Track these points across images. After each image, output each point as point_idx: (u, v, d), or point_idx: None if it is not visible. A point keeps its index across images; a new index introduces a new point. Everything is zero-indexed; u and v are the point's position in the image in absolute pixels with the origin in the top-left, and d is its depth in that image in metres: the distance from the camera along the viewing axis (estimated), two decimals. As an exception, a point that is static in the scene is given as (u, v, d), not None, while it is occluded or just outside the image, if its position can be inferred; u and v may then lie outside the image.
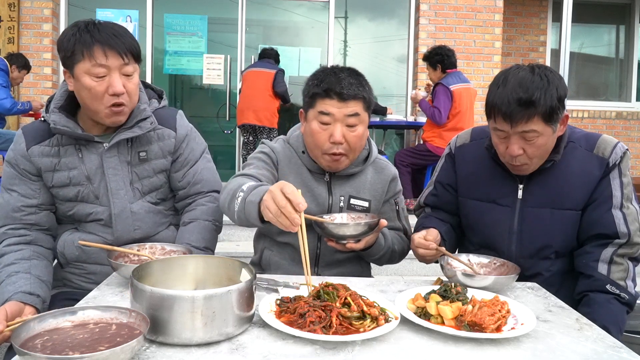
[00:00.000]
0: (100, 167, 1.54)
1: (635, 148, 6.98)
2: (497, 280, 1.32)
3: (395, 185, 1.73)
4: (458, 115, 4.40)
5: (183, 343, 0.95)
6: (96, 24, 1.45)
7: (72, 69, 1.45)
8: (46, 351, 0.83)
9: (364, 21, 6.59)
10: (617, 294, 1.41)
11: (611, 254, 1.45)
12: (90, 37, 1.42)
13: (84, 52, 1.41)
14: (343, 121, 1.52)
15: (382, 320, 1.05)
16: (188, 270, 1.17)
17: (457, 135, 1.75)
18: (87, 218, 1.57)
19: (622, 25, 7.33)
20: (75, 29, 1.44)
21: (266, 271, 1.68)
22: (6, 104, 4.42)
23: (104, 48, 1.42)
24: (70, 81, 1.49)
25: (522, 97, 1.36)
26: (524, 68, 1.44)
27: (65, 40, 1.44)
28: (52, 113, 1.51)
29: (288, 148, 1.68)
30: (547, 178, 1.52)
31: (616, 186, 1.49)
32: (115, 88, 1.43)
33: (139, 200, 1.60)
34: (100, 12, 5.99)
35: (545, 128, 1.39)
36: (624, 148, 1.51)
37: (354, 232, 1.45)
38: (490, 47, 5.88)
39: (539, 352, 1.01)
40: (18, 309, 1.34)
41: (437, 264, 1.60)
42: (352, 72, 1.57)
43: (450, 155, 1.72)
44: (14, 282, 1.40)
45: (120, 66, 1.45)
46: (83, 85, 1.43)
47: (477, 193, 1.62)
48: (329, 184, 1.64)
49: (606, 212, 1.47)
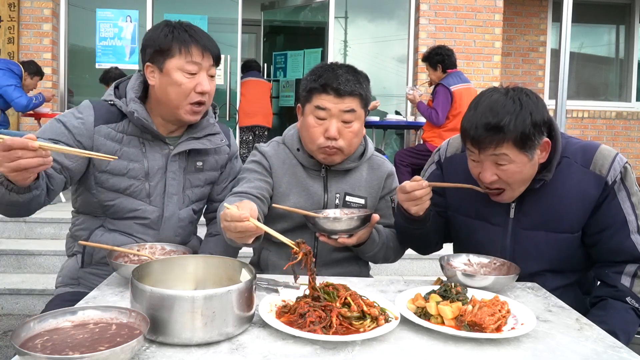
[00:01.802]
0: (163, 168, 1.56)
1: (635, 148, 6.99)
2: (497, 280, 1.32)
3: (391, 182, 1.72)
4: (459, 115, 4.39)
5: (183, 343, 0.95)
6: (189, 25, 1.53)
7: (162, 64, 1.49)
8: (46, 351, 0.83)
9: (364, 21, 6.59)
10: (637, 307, 1.38)
11: (636, 269, 1.40)
12: (189, 36, 1.49)
13: (182, 48, 1.48)
14: (339, 117, 1.53)
15: (382, 320, 1.05)
16: (188, 270, 1.17)
17: (447, 142, 1.67)
18: (127, 214, 1.55)
19: (622, 25, 7.33)
20: (170, 27, 1.50)
21: (265, 271, 1.68)
22: (22, 101, 4.58)
23: (201, 48, 1.49)
24: (153, 75, 1.52)
25: (490, 121, 1.30)
26: (499, 90, 1.37)
27: (161, 36, 1.49)
28: (132, 102, 1.52)
29: (282, 149, 1.68)
30: (541, 198, 1.45)
31: (628, 209, 1.40)
32: (203, 86, 1.50)
33: (186, 207, 1.64)
34: (100, 12, 5.99)
35: (519, 155, 1.32)
36: (622, 162, 1.42)
37: (346, 226, 1.45)
38: (490, 47, 5.88)
39: (539, 352, 1.01)
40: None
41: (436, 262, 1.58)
42: (350, 69, 1.57)
43: (440, 164, 1.65)
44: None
45: (209, 67, 1.52)
46: (173, 80, 1.48)
47: (467, 209, 1.56)
48: (325, 179, 1.64)
49: (626, 240, 1.40)
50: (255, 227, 1.17)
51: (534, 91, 1.39)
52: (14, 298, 3.32)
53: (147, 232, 1.57)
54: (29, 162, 1.09)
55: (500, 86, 1.41)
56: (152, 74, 1.52)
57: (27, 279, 3.47)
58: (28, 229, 3.95)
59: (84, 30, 6.02)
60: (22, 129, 5.69)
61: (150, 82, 1.53)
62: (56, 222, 3.96)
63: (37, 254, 3.62)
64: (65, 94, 6.07)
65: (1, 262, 3.61)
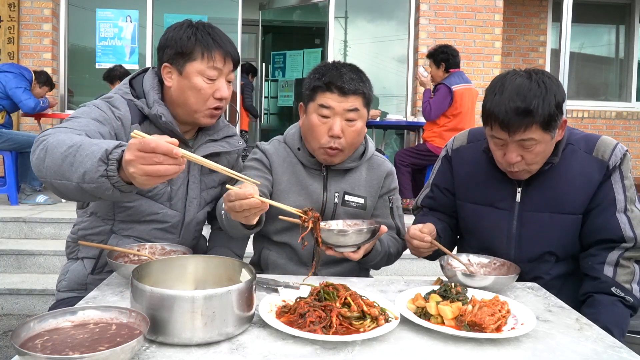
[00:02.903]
0: (185, 172, 1.54)
1: (635, 148, 6.99)
2: (497, 280, 1.32)
3: (390, 182, 1.72)
4: (459, 115, 4.39)
5: (183, 343, 0.95)
6: (212, 27, 1.49)
7: (182, 67, 1.46)
8: (46, 351, 0.83)
9: (364, 21, 6.59)
10: (622, 296, 1.40)
11: (617, 257, 1.43)
12: (212, 40, 1.46)
13: (204, 53, 1.44)
14: (342, 115, 1.53)
15: (382, 320, 1.05)
16: (188, 270, 1.17)
17: (453, 137, 1.73)
18: (146, 217, 1.52)
19: (622, 25, 7.33)
20: (192, 29, 1.47)
21: (265, 271, 1.68)
22: (30, 104, 4.72)
23: (223, 53, 1.46)
24: (170, 76, 1.49)
25: (519, 106, 1.33)
26: (521, 74, 1.40)
27: (183, 38, 1.45)
28: (157, 104, 1.48)
29: (283, 147, 1.68)
30: (546, 181, 1.50)
31: (619, 190, 1.46)
32: (222, 92, 1.49)
33: (202, 209, 1.64)
34: (100, 12, 5.99)
35: (544, 135, 1.37)
36: (623, 149, 1.49)
37: (352, 241, 1.38)
38: (490, 47, 5.88)
39: (539, 352, 1.01)
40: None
41: (433, 260, 1.60)
42: (353, 68, 1.58)
43: (447, 158, 1.70)
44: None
45: (229, 72, 1.50)
46: (193, 84, 1.46)
47: (474, 196, 1.60)
48: (325, 179, 1.64)
49: (611, 217, 1.44)
50: (260, 202, 1.14)
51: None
52: (14, 298, 3.32)
53: (166, 236, 1.55)
54: (167, 170, 0.97)
55: (519, 69, 1.44)
56: (170, 74, 1.49)
57: (27, 279, 3.47)
58: (28, 229, 3.96)
59: (84, 30, 6.02)
60: (22, 129, 5.69)
61: (167, 83, 1.50)
62: (56, 222, 3.96)
63: (37, 254, 3.62)
64: (65, 94, 6.07)
65: (1, 262, 3.61)
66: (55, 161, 1.12)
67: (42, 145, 1.18)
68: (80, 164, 1.07)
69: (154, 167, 0.96)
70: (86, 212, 1.57)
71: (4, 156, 4.61)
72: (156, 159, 0.96)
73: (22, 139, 4.62)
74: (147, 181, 1.00)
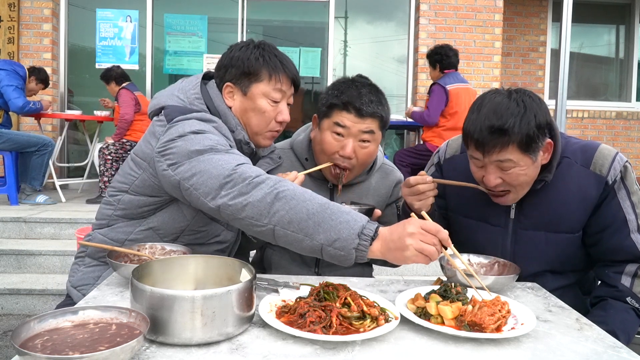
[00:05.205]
0: None
1: (635, 148, 6.99)
2: (497, 280, 1.32)
3: (399, 190, 1.70)
4: (456, 114, 4.40)
5: (183, 343, 0.95)
6: (276, 49, 1.49)
7: (248, 88, 1.44)
8: (46, 351, 0.83)
9: (364, 21, 6.59)
10: (637, 307, 1.38)
11: (636, 269, 1.40)
12: (280, 63, 1.45)
13: (272, 75, 1.44)
14: (357, 136, 1.50)
15: (382, 320, 1.05)
16: (188, 270, 1.17)
17: (446, 143, 1.67)
18: (210, 240, 1.51)
19: (622, 25, 7.33)
20: (259, 50, 1.45)
21: (268, 270, 1.68)
22: (18, 103, 4.57)
23: (289, 76, 1.46)
24: (231, 96, 1.47)
25: (494, 124, 1.28)
26: (502, 92, 1.36)
27: (251, 58, 1.44)
28: (240, 128, 1.46)
29: (291, 155, 1.68)
30: (541, 198, 1.44)
31: (628, 209, 1.40)
32: (284, 115, 1.48)
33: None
34: (100, 12, 5.99)
35: (523, 157, 1.31)
36: (622, 161, 1.41)
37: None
38: (490, 47, 5.88)
39: (539, 352, 1.01)
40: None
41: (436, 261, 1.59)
42: (373, 89, 1.54)
43: (439, 165, 1.65)
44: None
45: (290, 95, 1.50)
46: (257, 105, 1.45)
47: (467, 210, 1.56)
48: (332, 191, 1.63)
49: (625, 239, 1.39)
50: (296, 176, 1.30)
51: (535, 92, 1.39)
52: (14, 298, 3.33)
53: (222, 255, 1.52)
54: (434, 254, 1.07)
55: (501, 88, 1.40)
56: (231, 94, 1.47)
57: (27, 279, 3.48)
58: (28, 229, 3.96)
59: (84, 30, 6.03)
60: (22, 129, 5.69)
61: (228, 102, 1.47)
62: (56, 222, 3.96)
63: (37, 254, 3.62)
64: (65, 94, 6.08)
65: (1, 262, 3.61)
66: (298, 214, 1.12)
67: (266, 188, 1.16)
68: (331, 229, 1.10)
69: (430, 247, 1.06)
70: (140, 224, 1.49)
71: (4, 156, 4.61)
72: (434, 240, 1.06)
73: (22, 139, 4.61)
74: (415, 257, 1.07)
